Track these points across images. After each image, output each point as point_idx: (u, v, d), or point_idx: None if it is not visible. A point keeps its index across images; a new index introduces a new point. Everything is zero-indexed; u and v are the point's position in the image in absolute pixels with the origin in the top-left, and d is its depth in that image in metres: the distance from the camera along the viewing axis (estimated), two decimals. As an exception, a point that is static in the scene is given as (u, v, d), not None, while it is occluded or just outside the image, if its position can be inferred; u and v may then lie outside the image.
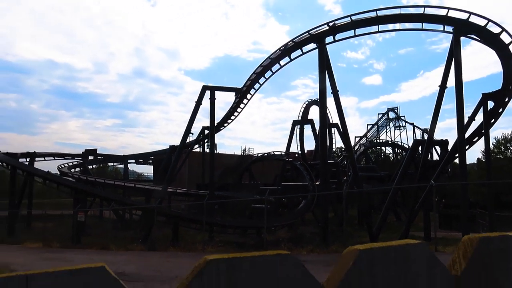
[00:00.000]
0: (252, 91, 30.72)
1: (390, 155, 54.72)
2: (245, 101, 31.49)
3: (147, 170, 71.42)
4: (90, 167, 46.33)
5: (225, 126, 34.69)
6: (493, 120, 24.97)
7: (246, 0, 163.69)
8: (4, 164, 35.04)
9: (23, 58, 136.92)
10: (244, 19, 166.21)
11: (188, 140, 32.15)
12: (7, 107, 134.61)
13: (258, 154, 38.82)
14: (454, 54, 21.36)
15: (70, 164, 43.54)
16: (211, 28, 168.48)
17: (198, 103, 28.58)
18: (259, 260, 2.45)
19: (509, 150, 41.80)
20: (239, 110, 32.61)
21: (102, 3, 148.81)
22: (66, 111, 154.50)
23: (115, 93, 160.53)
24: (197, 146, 39.22)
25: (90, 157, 45.70)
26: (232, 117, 33.46)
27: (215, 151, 31.23)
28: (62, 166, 40.72)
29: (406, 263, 2.74)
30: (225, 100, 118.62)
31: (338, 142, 49.19)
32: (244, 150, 49.90)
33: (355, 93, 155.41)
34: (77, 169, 42.80)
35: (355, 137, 55.82)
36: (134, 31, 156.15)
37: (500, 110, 24.36)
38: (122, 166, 49.48)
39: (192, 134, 34.18)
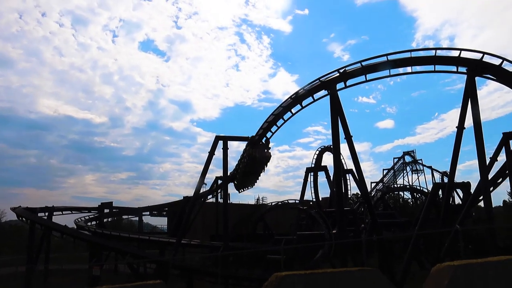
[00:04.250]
0: (264, 140, 30.71)
1: (409, 200, 53.15)
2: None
3: (161, 222, 70.84)
4: (105, 220, 46.29)
5: (238, 176, 34.48)
6: (517, 160, 24.08)
7: (256, 51, 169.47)
8: (23, 218, 35.46)
9: (44, 115, 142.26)
10: (254, 70, 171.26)
11: (201, 191, 31.94)
12: (27, 163, 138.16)
13: (271, 203, 38.17)
14: (470, 94, 21.07)
15: (87, 217, 43.63)
16: (222, 80, 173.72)
17: (211, 153, 28.59)
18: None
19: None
20: (251, 159, 32.44)
21: (119, 60, 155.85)
22: (82, 165, 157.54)
23: (130, 146, 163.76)
24: (210, 196, 38.95)
25: (106, 210, 45.67)
26: (245, 166, 33.27)
27: (228, 201, 30.84)
28: (79, 220, 40.80)
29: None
30: (237, 150, 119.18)
31: (353, 189, 48.26)
32: (257, 199, 49.30)
33: (368, 138, 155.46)
34: (93, 222, 42.73)
35: (371, 182, 54.94)
36: (148, 85, 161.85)
37: (524, 149, 23.56)
38: (137, 218, 49.23)
39: (206, 184, 34.06)
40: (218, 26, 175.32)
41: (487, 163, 21.70)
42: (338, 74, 23.71)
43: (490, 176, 22.69)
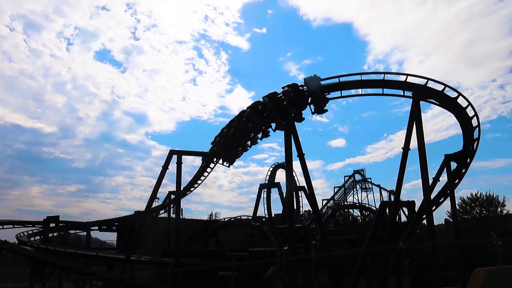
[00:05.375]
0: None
1: (359, 218, 54.42)
2: (211, 165, 31.34)
3: (111, 237, 68.18)
4: (51, 235, 44.06)
5: (191, 191, 34.18)
6: (457, 180, 25.28)
7: (214, 67, 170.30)
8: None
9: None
10: (211, 85, 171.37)
11: (153, 206, 31.31)
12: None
13: (224, 219, 37.92)
14: (415, 117, 21.89)
15: (30, 232, 41.31)
16: (178, 94, 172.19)
17: (165, 167, 28.22)
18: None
19: (475, 210, 42.49)
20: (205, 174, 32.37)
21: (73, 69, 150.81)
22: (29, 177, 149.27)
23: (81, 158, 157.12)
24: (162, 211, 38.20)
25: (52, 225, 43.51)
26: (199, 181, 33.10)
27: (181, 216, 30.39)
28: (21, 234, 38.56)
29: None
30: (191, 164, 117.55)
31: (306, 206, 48.81)
32: (210, 215, 48.85)
33: (321, 156, 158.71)
34: (37, 237, 40.55)
35: (323, 200, 55.82)
36: (103, 96, 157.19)
37: (463, 170, 24.78)
38: (85, 233, 47.10)
39: (158, 199, 33.45)
40: (177, 39, 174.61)
41: (430, 183, 22.75)
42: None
43: (432, 196, 23.79)
